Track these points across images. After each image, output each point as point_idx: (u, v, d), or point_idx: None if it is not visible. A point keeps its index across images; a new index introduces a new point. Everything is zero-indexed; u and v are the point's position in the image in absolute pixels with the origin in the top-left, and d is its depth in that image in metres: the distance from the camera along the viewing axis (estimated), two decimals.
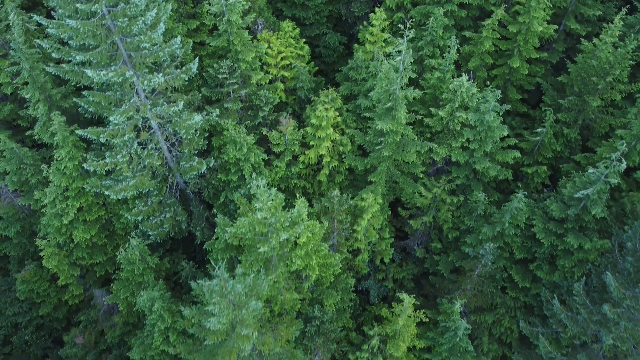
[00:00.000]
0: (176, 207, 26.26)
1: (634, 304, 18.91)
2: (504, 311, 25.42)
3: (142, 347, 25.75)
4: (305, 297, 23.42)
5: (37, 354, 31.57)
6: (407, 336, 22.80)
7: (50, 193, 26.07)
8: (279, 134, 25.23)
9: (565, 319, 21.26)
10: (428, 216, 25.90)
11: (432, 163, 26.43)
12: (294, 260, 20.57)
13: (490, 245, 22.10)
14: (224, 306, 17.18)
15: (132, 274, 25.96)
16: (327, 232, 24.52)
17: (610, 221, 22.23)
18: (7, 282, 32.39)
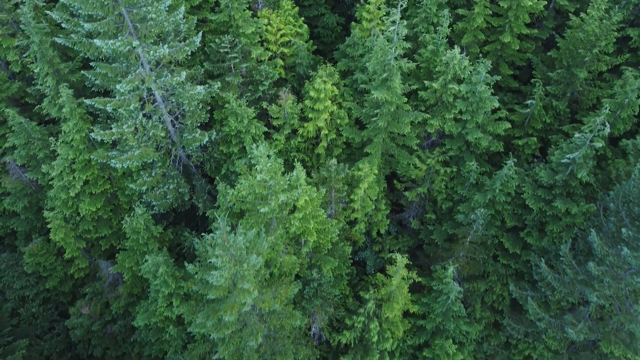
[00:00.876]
0: (179, 179, 27.19)
1: (617, 262, 19.82)
2: (496, 278, 26.34)
3: (146, 314, 26.67)
4: (304, 263, 24.33)
5: (44, 326, 32.48)
6: (401, 298, 23.74)
7: (58, 166, 26.99)
8: (279, 107, 26.15)
9: (552, 280, 22.18)
10: (423, 187, 26.81)
11: (427, 137, 27.34)
12: (292, 223, 21.51)
13: (481, 210, 23.02)
14: (226, 259, 18.09)
15: (137, 244, 26.87)
16: (325, 201, 25.44)
17: (596, 187, 23.17)
18: (14, 257, 33.30)
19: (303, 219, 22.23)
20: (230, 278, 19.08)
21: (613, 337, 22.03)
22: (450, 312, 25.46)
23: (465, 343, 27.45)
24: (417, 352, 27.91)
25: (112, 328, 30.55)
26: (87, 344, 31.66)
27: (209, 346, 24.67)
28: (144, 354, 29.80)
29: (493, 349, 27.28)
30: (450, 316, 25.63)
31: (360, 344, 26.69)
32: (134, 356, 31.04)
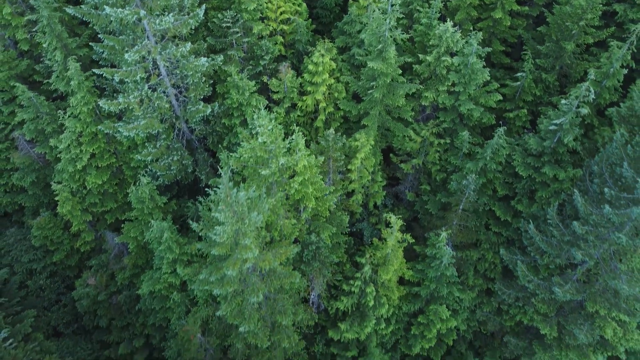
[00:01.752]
0: (182, 151, 28.19)
1: (600, 221, 20.81)
2: (488, 247, 27.32)
3: (151, 281, 27.67)
4: (303, 229, 25.31)
5: (51, 298, 33.47)
6: (396, 262, 24.74)
7: (66, 139, 28.01)
8: (279, 81, 27.14)
9: (540, 242, 23.17)
10: (418, 159, 27.82)
11: (422, 110, 28.32)
12: (292, 186, 22.50)
13: (472, 176, 24.00)
14: (228, 215, 19.09)
15: (142, 213, 27.87)
16: (324, 171, 26.43)
17: (583, 155, 24.17)
18: (22, 232, 34.31)
19: (302, 184, 23.22)
20: (233, 235, 20.07)
21: (599, 298, 23.01)
22: (443, 277, 26.46)
23: (459, 310, 28.47)
24: (413, 319, 28.93)
25: (117, 298, 31.53)
26: (93, 315, 32.65)
27: (211, 309, 25.67)
28: (148, 323, 30.79)
29: (485, 316, 28.26)
30: (444, 282, 26.63)
31: (358, 311, 27.70)
32: (138, 326, 31.99)
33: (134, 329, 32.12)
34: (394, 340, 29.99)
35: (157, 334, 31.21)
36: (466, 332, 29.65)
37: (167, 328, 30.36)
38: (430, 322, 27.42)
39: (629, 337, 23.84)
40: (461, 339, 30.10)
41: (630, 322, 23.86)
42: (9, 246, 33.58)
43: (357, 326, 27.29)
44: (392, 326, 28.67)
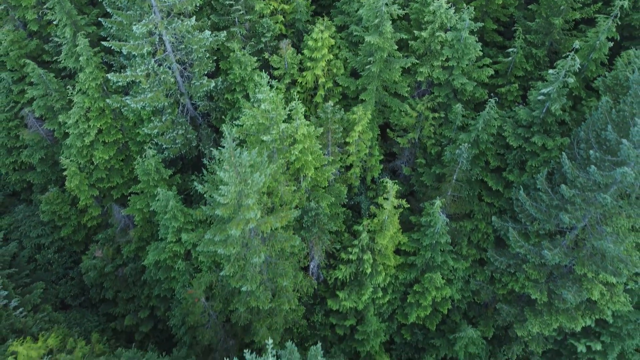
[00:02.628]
0: (187, 126, 29.26)
1: (586, 183, 21.84)
2: (481, 217, 28.35)
3: (156, 251, 28.72)
4: (302, 197, 26.35)
5: (59, 272, 34.57)
6: (392, 228, 25.79)
7: (74, 114, 29.10)
8: (280, 57, 28.19)
9: (529, 207, 24.22)
10: (414, 133, 28.88)
11: (417, 87, 29.37)
12: (292, 153, 23.56)
13: (465, 145, 25.05)
14: (232, 175, 20.14)
15: (147, 185, 28.95)
16: (323, 144, 27.47)
17: (571, 125, 25.21)
18: (30, 209, 35.42)
19: (302, 152, 24.27)
20: (236, 196, 21.11)
21: (586, 261, 24.03)
22: (438, 245, 27.49)
23: (453, 280, 29.49)
24: (409, 288, 29.97)
25: (123, 271, 32.60)
26: (100, 288, 33.73)
27: (215, 276, 26.73)
28: (153, 294, 31.86)
29: (479, 285, 29.27)
30: (439, 250, 27.66)
31: (356, 280, 28.75)
32: (143, 298, 33.07)
33: (139, 301, 33.20)
34: (391, 310, 31.03)
35: (161, 305, 32.28)
36: (460, 303, 30.65)
37: (171, 299, 31.41)
38: (426, 290, 28.45)
39: (615, 299, 24.86)
40: (456, 310, 31.11)
41: (616, 285, 24.89)
42: (18, 222, 34.70)
43: (355, 295, 28.34)
44: (389, 296, 29.72)
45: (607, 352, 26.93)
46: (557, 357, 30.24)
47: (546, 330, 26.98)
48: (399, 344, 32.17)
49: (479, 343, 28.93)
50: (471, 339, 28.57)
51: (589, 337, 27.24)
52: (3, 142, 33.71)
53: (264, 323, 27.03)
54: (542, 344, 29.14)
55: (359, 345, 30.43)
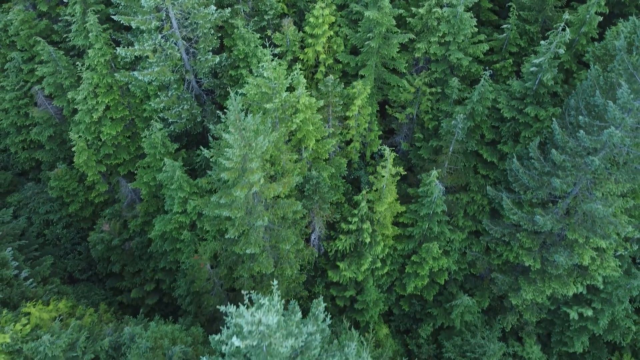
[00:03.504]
0: (192, 101, 30.22)
1: (576, 148, 22.80)
2: (477, 189, 29.31)
3: (162, 222, 29.66)
4: (304, 167, 27.31)
5: (67, 247, 35.51)
6: (390, 195, 26.74)
7: (83, 90, 30.06)
8: (282, 35, 29.17)
9: (522, 175, 25.17)
10: (412, 108, 29.85)
11: (415, 64, 30.36)
12: (294, 121, 24.53)
13: (461, 116, 26.01)
14: (237, 138, 21.10)
15: (154, 159, 29.90)
16: (324, 117, 28.43)
17: (563, 97, 26.17)
18: (39, 187, 36.37)
19: (303, 122, 25.24)
20: (241, 160, 22.06)
21: (577, 227, 24.98)
22: (435, 216, 28.43)
23: (450, 252, 30.45)
24: (407, 260, 30.92)
25: (130, 245, 33.55)
26: (107, 262, 34.68)
27: (220, 244, 27.67)
28: (159, 267, 32.82)
29: (474, 255, 30.23)
30: (436, 220, 28.60)
31: (355, 251, 29.70)
32: (149, 272, 34.02)
33: (145, 275, 34.15)
34: (390, 282, 32.00)
35: (167, 278, 33.23)
36: (457, 274, 31.59)
37: (176, 271, 32.38)
38: (423, 261, 29.39)
39: (605, 264, 25.81)
40: (452, 282, 32.05)
41: (606, 251, 25.84)
42: (27, 199, 35.64)
43: (355, 266, 29.28)
44: (388, 267, 30.67)
45: (598, 317, 27.85)
46: (551, 327, 31.16)
47: (539, 298, 27.91)
48: (398, 315, 33.12)
49: (475, 311, 29.88)
50: (467, 307, 29.51)
51: (581, 304, 28.16)
52: (13, 120, 34.69)
53: (267, 290, 27.96)
54: (536, 314, 30.08)
55: (358, 316, 31.37)
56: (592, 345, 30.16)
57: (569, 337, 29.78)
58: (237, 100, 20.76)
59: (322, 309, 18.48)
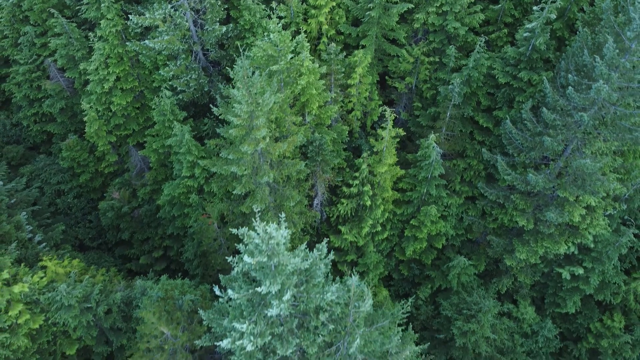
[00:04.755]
0: (199, 71, 31.46)
1: (566, 107, 24.02)
2: (473, 155, 30.53)
3: (171, 187, 30.89)
4: (307, 132, 28.53)
5: (77, 217, 36.73)
6: (390, 157, 27.95)
7: (95, 61, 31.30)
8: (286, 6, 30.39)
9: (515, 135, 26.39)
10: (411, 78, 31.08)
11: (414, 35, 31.59)
12: (299, 83, 25.76)
13: (457, 80, 27.23)
14: (245, 93, 22.31)
15: (163, 126, 31.11)
16: (327, 85, 29.63)
17: (555, 63, 27.37)
18: (50, 159, 37.60)
19: (307, 86, 26.46)
20: (248, 117, 23.27)
21: (568, 186, 26.17)
22: (433, 180, 29.62)
23: (448, 217, 31.66)
24: (406, 225, 32.13)
25: (139, 212, 34.78)
26: (116, 230, 35.90)
27: (226, 205, 28.89)
28: (167, 233, 34.05)
29: (471, 220, 31.42)
30: (434, 184, 29.78)
31: (356, 216, 30.91)
32: (157, 239, 35.24)
33: (153, 242, 35.37)
34: (389, 247, 33.21)
35: (174, 244, 34.47)
36: (454, 240, 32.78)
37: (184, 237, 33.59)
38: (421, 224, 30.58)
39: (595, 223, 27.00)
40: (450, 247, 33.24)
41: (596, 210, 27.04)
42: (39, 170, 36.87)
43: (356, 230, 30.49)
44: (388, 232, 31.86)
45: (589, 276, 29.03)
46: (544, 289, 32.37)
47: (533, 258, 29.10)
48: (397, 280, 34.33)
49: (471, 273, 31.06)
50: (463, 269, 30.69)
51: (573, 264, 29.33)
52: (26, 93, 35.94)
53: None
54: (530, 276, 31.27)
55: (359, 278, 32.52)
56: (584, 306, 31.35)
57: (561, 297, 30.98)
58: (245, 59, 21.94)
59: (325, 250, 19.65)
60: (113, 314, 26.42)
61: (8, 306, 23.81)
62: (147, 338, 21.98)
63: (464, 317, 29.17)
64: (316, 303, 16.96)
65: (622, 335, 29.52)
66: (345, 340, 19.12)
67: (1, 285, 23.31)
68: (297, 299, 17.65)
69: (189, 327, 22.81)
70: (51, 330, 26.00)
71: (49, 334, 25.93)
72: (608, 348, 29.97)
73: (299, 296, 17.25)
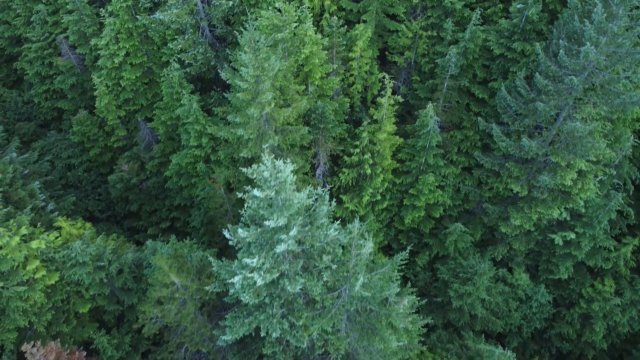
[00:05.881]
0: (206, 46, 32.70)
1: (557, 73, 25.24)
2: (469, 126, 31.75)
3: (179, 156, 32.11)
4: (310, 101, 29.75)
5: (87, 190, 37.95)
6: (390, 125, 29.17)
7: (105, 36, 32.55)
8: None
9: (510, 102, 27.61)
10: (410, 52, 32.31)
11: (413, 11, 32.82)
12: (302, 51, 26.99)
13: (454, 51, 28.45)
14: (252, 57, 23.54)
15: (171, 99, 32.33)
16: (329, 58, 30.87)
17: (547, 36, 28.59)
18: (61, 135, 38.84)
19: (310, 55, 27.69)
20: (254, 82, 24.50)
21: (560, 152, 27.38)
22: (431, 149, 30.83)
23: (445, 187, 32.87)
24: (405, 195, 33.34)
25: (147, 184, 36.00)
26: (125, 202, 37.14)
27: (232, 172, 30.10)
28: (174, 204, 35.27)
29: (467, 189, 32.61)
30: (432, 154, 30.98)
31: (357, 185, 32.13)
32: (164, 211, 36.48)
33: (161, 214, 36.61)
34: (389, 218, 34.43)
35: (181, 216, 35.71)
36: (451, 210, 33.99)
37: (190, 207, 34.80)
38: (420, 193, 31.77)
39: (586, 187, 28.21)
40: (447, 217, 34.45)
41: (587, 175, 28.24)
42: (50, 145, 38.11)
43: (356, 199, 31.71)
44: (387, 202, 33.07)
45: (581, 241, 30.20)
46: (538, 257, 33.56)
47: (527, 224, 30.30)
48: (396, 250, 35.48)
49: (467, 240, 32.25)
50: (460, 235, 31.89)
51: (565, 230, 30.52)
52: (37, 70, 37.19)
53: None
54: (525, 243, 32.46)
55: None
56: (576, 272, 32.53)
57: (554, 264, 32.17)
58: (251, 25, 23.18)
59: (328, 197, 20.80)
60: (124, 273, 27.58)
61: (26, 262, 25.02)
62: (159, 287, 23.16)
63: (461, 280, 30.38)
64: (320, 240, 18.17)
65: (613, 299, 30.69)
66: (347, 284, 20.33)
67: (20, 240, 24.48)
68: (302, 241, 18.86)
69: (198, 280, 24.00)
70: (65, 289, 27.18)
71: (63, 293, 27.09)
72: (599, 311, 31.14)
73: (303, 236, 18.46)
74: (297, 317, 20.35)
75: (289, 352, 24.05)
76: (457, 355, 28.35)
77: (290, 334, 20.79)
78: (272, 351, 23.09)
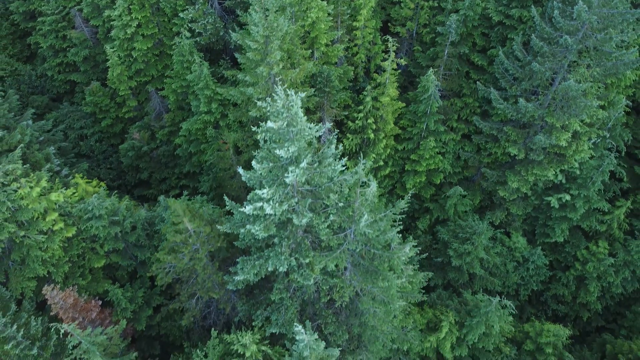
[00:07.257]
0: (215, 16, 33.97)
1: (552, 35, 26.45)
2: (469, 94, 32.97)
3: (189, 122, 33.37)
4: (315, 67, 30.99)
5: (99, 159, 39.21)
6: (392, 89, 30.40)
7: (119, 7, 33.80)
8: None
9: (508, 65, 28.83)
10: (412, 23, 33.56)
11: None
12: (309, 15, 28.25)
13: (454, 17, 29.68)
14: (261, 17, 24.77)
15: (181, 67, 33.58)
16: (334, 26, 32.09)
17: (544, 4, 29.82)
18: (74, 107, 40.08)
19: (316, 20, 28.94)
20: (264, 42, 25.74)
21: (555, 113, 28.58)
22: (432, 115, 32.04)
23: (445, 153, 34.08)
24: (406, 161, 34.57)
25: (157, 152, 37.24)
26: (135, 171, 38.38)
27: (240, 134, 31.33)
28: (184, 171, 36.52)
29: (467, 155, 33.81)
30: (432, 120, 32.19)
31: (360, 152, 33.34)
32: (174, 179, 37.72)
33: (171, 182, 37.86)
34: (391, 185, 35.64)
35: (190, 183, 36.93)
36: (451, 177, 35.20)
37: (200, 174, 36.04)
38: (421, 158, 33.01)
39: (580, 149, 29.41)
40: (447, 184, 35.65)
41: (581, 137, 29.45)
42: (63, 116, 39.34)
43: None
44: (389, 168, 34.29)
45: (575, 203, 31.38)
46: (535, 222, 34.75)
47: (524, 187, 31.51)
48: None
49: (467, 203, 33.47)
50: (459, 199, 33.11)
51: (560, 192, 31.69)
52: (52, 43, 38.46)
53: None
54: (522, 208, 33.65)
55: None
56: (572, 236, 33.71)
57: (550, 227, 33.35)
58: None
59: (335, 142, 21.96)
60: (137, 230, 28.80)
61: (45, 213, 26.26)
62: (173, 233, 24.35)
63: (460, 240, 31.58)
64: (328, 177, 19.40)
65: (606, 259, 31.85)
66: (352, 227, 21.55)
67: (40, 192, 25.71)
68: (310, 180, 20.09)
69: (210, 227, 25.21)
70: (81, 245, 28.36)
71: (79, 248, 28.25)
72: (593, 272, 32.30)
73: (312, 175, 19.70)
74: (304, 256, 21.56)
75: (295, 298, 25.29)
76: (456, 310, 29.53)
77: (297, 272, 22.00)
78: (279, 297, 24.29)
